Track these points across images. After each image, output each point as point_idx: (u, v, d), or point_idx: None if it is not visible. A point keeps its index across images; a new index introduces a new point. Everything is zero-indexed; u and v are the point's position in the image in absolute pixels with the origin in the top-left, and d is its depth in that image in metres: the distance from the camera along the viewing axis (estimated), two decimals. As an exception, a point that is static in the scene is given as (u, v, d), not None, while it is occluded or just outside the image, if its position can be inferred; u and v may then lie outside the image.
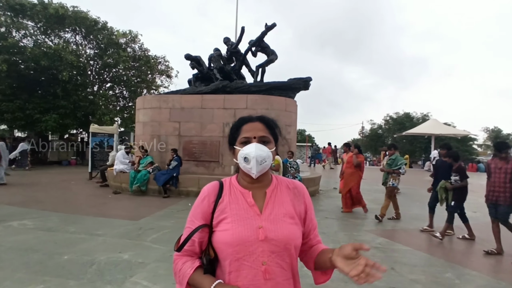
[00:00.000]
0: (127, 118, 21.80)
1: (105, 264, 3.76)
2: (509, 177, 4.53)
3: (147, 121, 9.96)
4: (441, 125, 22.32)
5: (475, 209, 7.92)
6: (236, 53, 11.08)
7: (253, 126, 1.19)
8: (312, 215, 1.26)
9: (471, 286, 3.45)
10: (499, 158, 4.70)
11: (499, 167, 4.66)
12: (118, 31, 19.50)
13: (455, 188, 5.36)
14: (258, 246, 1.09)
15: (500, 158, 4.69)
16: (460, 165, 5.47)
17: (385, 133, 34.99)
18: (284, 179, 1.27)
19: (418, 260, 4.28)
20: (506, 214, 4.61)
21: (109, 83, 20.89)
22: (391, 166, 6.55)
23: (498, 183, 4.63)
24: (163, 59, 21.55)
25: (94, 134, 12.09)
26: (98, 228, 5.35)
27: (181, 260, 1.18)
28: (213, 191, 1.22)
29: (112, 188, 9.51)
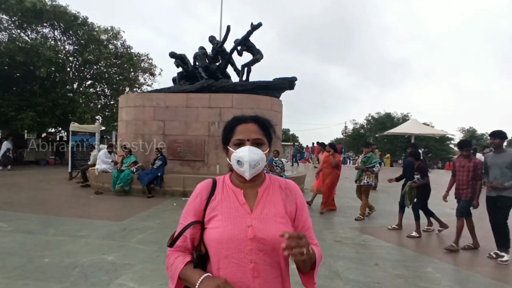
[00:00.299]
0: (108, 117, 21.25)
1: (89, 267, 3.66)
2: (471, 175, 4.68)
3: (131, 120, 9.76)
4: (420, 125, 23.06)
5: (453, 206, 8.22)
6: (222, 52, 11.03)
7: (247, 128, 1.19)
8: (303, 216, 1.24)
9: (451, 279, 3.60)
10: (463, 157, 4.86)
11: (462, 165, 4.81)
12: (100, 27, 18.95)
13: (418, 186, 5.54)
14: (246, 244, 1.11)
15: (463, 156, 4.85)
16: (420, 163, 5.65)
17: (367, 133, 35.83)
18: (277, 179, 1.27)
19: (400, 256, 4.42)
20: (462, 209, 4.79)
21: (90, 80, 20.29)
22: (366, 164, 6.59)
23: (462, 181, 4.79)
24: (147, 57, 21.16)
25: (74, 133, 11.71)
26: (80, 229, 5.20)
27: (173, 255, 1.20)
28: (206, 188, 1.23)
29: (93, 188, 9.25)
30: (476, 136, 46.80)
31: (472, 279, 3.63)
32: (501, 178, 4.33)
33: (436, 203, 8.63)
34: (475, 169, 4.69)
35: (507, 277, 3.79)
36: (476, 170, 4.68)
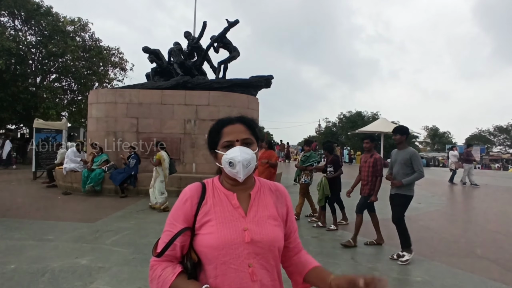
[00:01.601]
0: (75, 113, 20.21)
1: (60, 272, 3.47)
2: (371, 170, 4.62)
3: (101, 117, 9.34)
4: (389, 124, 24.06)
5: (419, 200, 8.70)
6: (198, 48, 10.85)
7: (234, 129, 1.16)
8: (292, 217, 1.26)
9: (421, 270, 3.81)
10: (366, 151, 4.82)
11: (365, 160, 4.77)
12: (65, 18, 17.91)
13: (331, 180, 5.65)
14: (244, 248, 1.08)
15: (366, 151, 4.80)
16: (333, 157, 5.84)
17: (339, 131, 36.88)
18: (266, 182, 1.27)
19: (374, 249, 4.61)
20: (360, 205, 4.79)
21: (55, 74, 19.11)
22: (304, 163, 6.38)
23: (364, 176, 4.73)
24: (117, 51, 20.29)
25: (39, 130, 10.97)
26: (48, 232, 4.91)
27: (160, 266, 1.11)
28: (196, 192, 1.18)
29: (61, 188, 8.77)
30: (438, 134, 49.85)
31: (440, 269, 3.86)
32: (401, 175, 4.21)
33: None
34: (374, 164, 4.60)
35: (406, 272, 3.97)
36: (376, 165, 4.60)
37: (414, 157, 4.14)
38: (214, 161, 1.21)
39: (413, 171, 4.12)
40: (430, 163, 29.23)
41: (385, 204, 7.82)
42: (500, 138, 44.75)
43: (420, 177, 4.13)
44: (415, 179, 4.14)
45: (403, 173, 4.17)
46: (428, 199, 8.98)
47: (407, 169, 4.16)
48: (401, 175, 4.18)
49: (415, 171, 4.11)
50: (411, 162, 4.13)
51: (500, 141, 44.88)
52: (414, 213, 6.99)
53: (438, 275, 3.67)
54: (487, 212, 7.81)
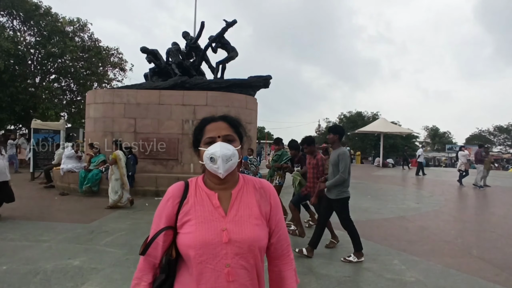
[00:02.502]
0: (75, 113, 20.24)
1: (52, 272, 3.46)
2: (316, 171, 4.53)
3: (99, 117, 9.33)
4: (389, 124, 24.06)
5: (417, 200, 8.70)
6: (196, 48, 10.84)
7: (216, 126, 1.18)
8: (277, 216, 1.22)
9: (415, 270, 3.79)
10: (309, 153, 4.74)
11: (309, 162, 4.71)
12: (64, 18, 17.93)
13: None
14: (221, 248, 1.08)
15: (308, 153, 4.72)
16: (300, 155, 5.55)
17: (339, 131, 36.79)
18: (251, 179, 1.25)
19: (369, 249, 4.56)
20: (294, 200, 4.78)
21: (54, 74, 19.13)
22: (276, 162, 6.04)
23: (309, 178, 4.66)
24: (116, 51, 20.29)
25: (37, 130, 10.98)
26: (42, 233, 4.90)
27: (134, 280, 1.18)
28: (178, 192, 1.19)
29: (58, 189, 8.76)
30: (438, 134, 49.79)
31: (435, 270, 3.84)
32: (331, 176, 4.12)
33: (401, 199, 9.10)
34: (317, 165, 4.54)
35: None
36: (318, 166, 4.53)
37: (341, 157, 4.00)
38: (193, 156, 1.21)
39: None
40: (430, 163, 29.19)
41: (383, 204, 7.85)
42: (500, 138, 44.67)
43: (340, 180, 3.97)
44: (336, 182, 4.00)
45: (333, 174, 4.07)
46: (426, 199, 8.97)
47: (336, 170, 4.05)
48: (332, 176, 4.08)
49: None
50: (338, 163, 4.02)
51: (500, 141, 44.81)
52: (411, 213, 6.98)
53: (433, 276, 3.65)
54: (485, 212, 7.79)
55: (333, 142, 4.17)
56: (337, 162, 4.02)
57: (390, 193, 10.00)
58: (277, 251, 1.23)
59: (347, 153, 4.14)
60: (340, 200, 4.07)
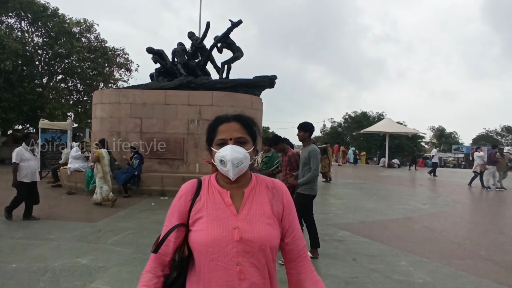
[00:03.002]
0: (81, 113, 20.42)
1: (61, 271, 3.49)
2: (289, 168, 4.48)
3: (105, 117, 9.40)
4: (394, 124, 23.89)
5: (424, 201, 8.62)
6: (201, 48, 10.86)
7: (229, 127, 1.17)
8: (290, 216, 1.20)
9: (423, 272, 3.75)
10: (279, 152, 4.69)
11: (282, 159, 4.68)
12: (71, 19, 18.10)
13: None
14: (233, 246, 1.08)
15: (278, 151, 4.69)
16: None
17: (344, 131, 36.67)
18: (264, 178, 1.25)
19: (376, 250, 4.55)
20: None
21: (61, 75, 19.34)
22: (267, 165, 5.49)
23: (283, 176, 4.61)
24: (122, 52, 20.44)
25: (44, 130, 11.10)
26: (50, 232, 4.95)
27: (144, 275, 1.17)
28: (191, 189, 1.20)
29: (65, 188, 8.85)
30: (445, 135, 49.28)
31: (443, 271, 3.80)
32: (301, 173, 4.09)
33: (407, 199, 9.03)
34: (289, 162, 4.51)
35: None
36: (291, 163, 4.50)
37: (312, 154, 3.96)
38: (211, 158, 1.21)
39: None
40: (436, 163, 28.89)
41: (389, 205, 7.80)
42: (508, 138, 44.08)
43: (313, 176, 3.96)
44: (308, 179, 3.96)
45: (303, 172, 4.04)
46: (433, 200, 8.88)
47: (307, 167, 4.02)
48: (302, 173, 4.05)
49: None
50: (310, 160, 3.98)
51: (508, 142, 44.20)
52: (418, 214, 6.93)
53: (441, 277, 3.61)
54: (493, 213, 7.69)
55: (303, 140, 4.14)
56: (308, 160, 3.99)
57: (396, 194, 9.92)
58: (293, 252, 1.21)
59: (318, 150, 4.12)
60: (305, 196, 4.05)
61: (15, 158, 5.53)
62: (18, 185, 5.58)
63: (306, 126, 4.17)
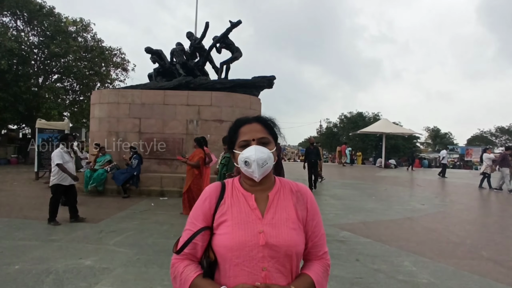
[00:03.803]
0: (77, 113, 20.24)
1: (64, 272, 3.46)
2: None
3: (104, 117, 9.34)
4: (391, 125, 24.05)
5: (423, 201, 8.68)
6: (200, 48, 10.84)
7: (251, 128, 1.16)
8: (314, 221, 1.19)
9: (426, 272, 3.78)
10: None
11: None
12: (68, 18, 17.98)
13: None
14: (258, 251, 1.07)
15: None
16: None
17: (340, 131, 36.82)
18: (288, 182, 1.24)
19: (378, 251, 4.57)
20: None
21: (57, 74, 19.17)
22: (227, 166, 4.82)
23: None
24: (119, 51, 20.38)
25: (41, 130, 10.99)
26: (51, 233, 4.91)
27: (182, 264, 1.14)
28: (215, 192, 1.19)
29: (63, 189, 8.75)
30: (440, 135, 49.72)
31: (446, 271, 3.83)
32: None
33: (406, 200, 9.09)
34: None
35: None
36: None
37: None
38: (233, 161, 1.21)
39: None
40: (432, 164, 29.18)
41: (388, 205, 7.85)
42: (501, 139, 44.56)
43: None
44: None
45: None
46: (431, 201, 8.96)
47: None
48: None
49: None
50: None
51: (502, 142, 44.69)
52: (418, 215, 6.98)
53: (444, 277, 3.64)
54: (491, 213, 7.78)
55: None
56: None
57: (394, 194, 9.99)
58: (311, 256, 1.21)
59: None
60: None
61: (57, 159, 5.41)
62: (56, 188, 5.52)
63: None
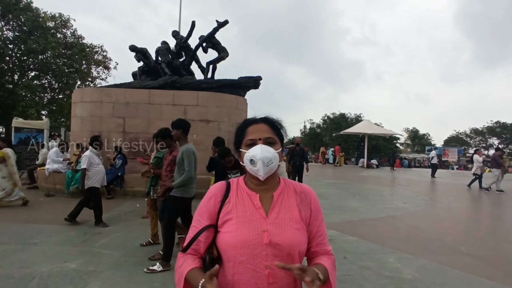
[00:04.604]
0: (56, 112, 19.53)
1: (49, 276, 3.35)
2: (169, 169, 3.97)
3: (86, 116, 9.07)
4: (373, 126, 24.66)
5: (404, 200, 8.97)
6: (186, 47, 10.73)
7: (257, 128, 1.19)
8: (317, 221, 1.21)
9: (411, 268, 3.92)
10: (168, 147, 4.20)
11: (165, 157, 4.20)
12: (46, 13, 17.30)
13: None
14: (262, 249, 1.09)
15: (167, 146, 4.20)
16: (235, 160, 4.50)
17: (323, 132, 37.40)
18: (292, 183, 1.26)
19: (365, 248, 4.70)
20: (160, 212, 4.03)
21: (34, 71, 18.42)
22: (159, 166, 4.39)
23: (163, 177, 4.05)
24: (101, 49, 19.82)
25: (18, 129, 10.54)
26: (32, 236, 4.72)
27: (182, 258, 1.18)
28: (220, 191, 1.21)
29: (43, 190, 8.45)
30: (418, 136, 51.44)
31: (429, 267, 3.99)
32: (176, 175, 3.72)
33: (389, 199, 9.36)
34: (172, 163, 3.94)
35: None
36: (173, 164, 3.90)
37: (185, 154, 3.63)
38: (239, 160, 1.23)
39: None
40: (412, 164, 30.21)
41: (372, 204, 8.05)
42: (476, 140, 46.67)
43: (186, 178, 3.62)
44: (182, 181, 3.62)
45: (179, 173, 3.69)
46: (412, 199, 9.26)
47: (180, 168, 3.67)
48: (177, 175, 3.70)
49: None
50: (183, 160, 3.64)
51: (476, 143, 46.81)
52: (400, 213, 7.21)
53: (428, 273, 3.79)
54: (468, 211, 8.14)
55: (178, 139, 3.78)
56: (181, 161, 3.64)
57: (377, 193, 10.26)
58: (317, 253, 1.22)
59: (191, 149, 3.72)
60: (177, 199, 3.68)
61: (85, 163, 5.38)
62: (92, 191, 5.46)
63: (180, 123, 3.75)
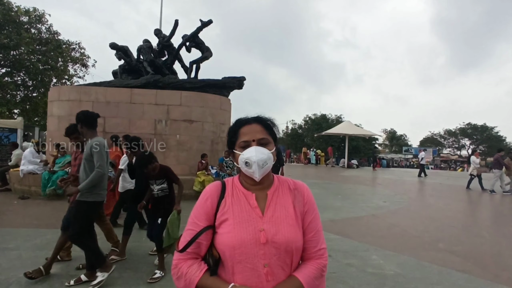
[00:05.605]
0: (30, 111, 18.68)
1: (27, 282, 3.20)
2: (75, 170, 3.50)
3: (64, 115, 8.75)
4: (353, 126, 25.26)
5: (384, 199, 9.24)
6: (169, 46, 10.58)
7: (251, 129, 1.18)
8: (311, 216, 1.21)
9: (393, 264, 4.05)
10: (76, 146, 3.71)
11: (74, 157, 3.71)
12: (19, 7, 16.52)
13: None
14: (259, 248, 1.10)
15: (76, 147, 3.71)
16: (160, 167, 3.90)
17: (305, 133, 37.90)
18: (286, 180, 1.27)
19: (348, 246, 4.81)
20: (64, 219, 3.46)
21: (6, 68, 17.53)
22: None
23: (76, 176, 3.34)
24: (78, 45, 19.14)
25: (-11, 128, 10.01)
26: (6, 240, 4.50)
27: (185, 264, 1.14)
28: (216, 191, 1.21)
29: (17, 192, 8.06)
30: (396, 137, 53.15)
31: (410, 263, 4.14)
32: (83, 175, 3.14)
33: (369, 198, 9.62)
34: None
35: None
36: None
37: (94, 148, 3.06)
38: (234, 161, 1.23)
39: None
40: (390, 164, 31.25)
41: (354, 203, 8.25)
42: (449, 141, 48.79)
43: (98, 176, 3.03)
44: (92, 182, 3.02)
45: (86, 174, 3.12)
46: (391, 198, 9.56)
47: (88, 168, 3.11)
48: (84, 175, 3.12)
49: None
50: (92, 156, 3.07)
51: (449, 144, 48.95)
52: (381, 212, 7.43)
53: (409, 268, 3.93)
54: (444, 208, 8.49)
55: (84, 134, 3.26)
56: (90, 156, 3.06)
57: (359, 193, 10.52)
58: (308, 252, 1.19)
59: (103, 142, 3.17)
60: (87, 203, 3.11)
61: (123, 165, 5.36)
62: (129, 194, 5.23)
63: (84, 116, 3.23)
